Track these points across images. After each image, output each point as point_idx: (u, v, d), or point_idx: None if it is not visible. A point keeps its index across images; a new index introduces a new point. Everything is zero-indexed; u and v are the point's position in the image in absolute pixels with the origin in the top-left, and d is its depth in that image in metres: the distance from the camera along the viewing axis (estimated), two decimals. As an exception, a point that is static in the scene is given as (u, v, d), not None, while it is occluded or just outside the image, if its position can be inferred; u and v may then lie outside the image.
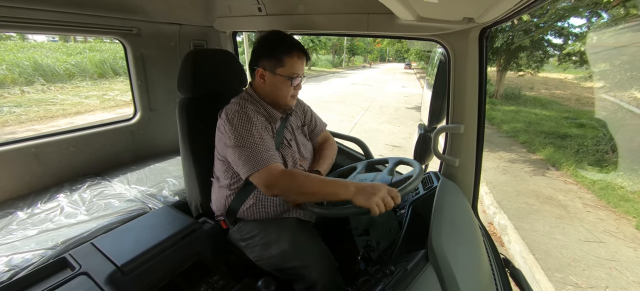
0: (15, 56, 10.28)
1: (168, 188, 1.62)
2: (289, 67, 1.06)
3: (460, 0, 0.75)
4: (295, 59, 1.06)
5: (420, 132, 1.36)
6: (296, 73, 1.07)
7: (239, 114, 1.01)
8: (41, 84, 9.73)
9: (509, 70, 10.14)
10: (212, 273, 1.10)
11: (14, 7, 1.21)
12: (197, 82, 1.22)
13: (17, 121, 6.83)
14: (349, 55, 42.38)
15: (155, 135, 2.05)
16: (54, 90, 9.68)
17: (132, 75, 1.88)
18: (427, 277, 0.72)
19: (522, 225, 3.09)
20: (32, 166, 1.55)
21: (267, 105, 1.12)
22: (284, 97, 1.10)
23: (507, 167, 4.77)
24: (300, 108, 1.32)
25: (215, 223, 1.21)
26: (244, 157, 0.97)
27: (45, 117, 7.29)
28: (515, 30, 7.76)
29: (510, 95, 11.49)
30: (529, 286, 0.93)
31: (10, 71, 9.42)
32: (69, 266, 0.94)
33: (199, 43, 1.97)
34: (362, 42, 36.28)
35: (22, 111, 7.42)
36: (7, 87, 9.08)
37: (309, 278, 0.99)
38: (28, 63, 9.98)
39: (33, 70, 9.91)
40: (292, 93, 1.11)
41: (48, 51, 11.67)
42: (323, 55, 32.08)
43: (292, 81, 1.07)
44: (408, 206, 1.08)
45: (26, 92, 9.10)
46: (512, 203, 3.56)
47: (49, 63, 10.51)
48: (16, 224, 1.29)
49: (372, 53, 52.84)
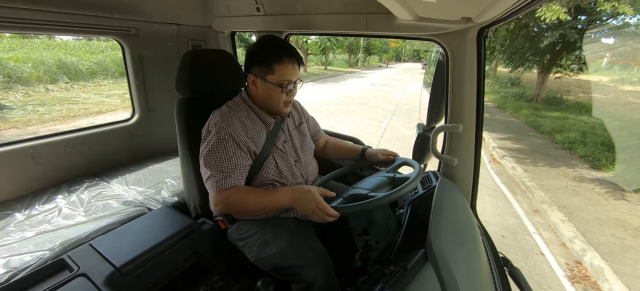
0: (41, 54, 10.37)
1: (167, 189, 1.61)
2: (279, 74, 1.04)
3: (459, 1, 0.75)
4: (286, 65, 1.04)
5: (418, 131, 1.36)
6: (287, 80, 1.05)
7: (221, 129, 1.02)
8: (65, 83, 9.84)
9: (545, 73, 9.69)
10: (212, 273, 1.09)
11: (12, 7, 1.20)
12: (195, 83, 1.22)
13: (40, 120, 6.82)
14: (365, 54, 41.84)
15: (154, 135, 2.05)
16: (77, 89, 9.78)
17: (130, 76, 1.87)
18: (426, 276, 0.73)
19: (621, 267, 2.53)
20: (29, 167, 1.54)
21: (260, 110, 1.12)
22: (275, 104, 1.09)
23: (576, 187, 4.21)
24: (295, 108, 1.31)
25: (214, 224, 1.20)
26: (207, 174, 1.02)
27: (67, 116, 7.28)
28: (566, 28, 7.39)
29: (551, 100, 10.82)
30: (527, 285, 0.93)
31: (35, 69, 9.51)
32: (67, 268, 0.93)
33: (197, 43, 1.96)
34: (379, 42, 35.51)
35: (46, 110, 7.43)
36: (33, 85, 9.14)
37: (306, 278, 0.99)
38: (53, 61, 10.08)
39: (57, 69, 10.01)
40: (284, 100, 1.09)
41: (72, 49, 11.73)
42: (339, 55, 31.71)
43: (283, 88, 1.06)
44: (407, 205, 1.09)
45: (50, 90, 9.19)
46: (599, 236, 3.01)
47: (73, 61, 10.62)
48: (14, 226, 1.28)
49: (388, 52, 51.89)
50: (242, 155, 1.03)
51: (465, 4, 0.77)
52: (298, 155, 1.21)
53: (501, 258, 1.05)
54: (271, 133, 1.13)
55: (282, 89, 1.05)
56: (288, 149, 1.17)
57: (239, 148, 1.03)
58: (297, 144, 1.22)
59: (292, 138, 1.22)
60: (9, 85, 8.42)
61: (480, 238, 0.99)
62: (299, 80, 1.11)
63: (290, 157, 1.16)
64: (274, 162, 1.11)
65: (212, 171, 1.01)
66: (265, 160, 1.10)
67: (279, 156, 1.13)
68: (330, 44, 22.80)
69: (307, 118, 1.36)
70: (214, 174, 1.00)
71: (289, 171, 1.14)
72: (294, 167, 1.16)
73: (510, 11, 0.79)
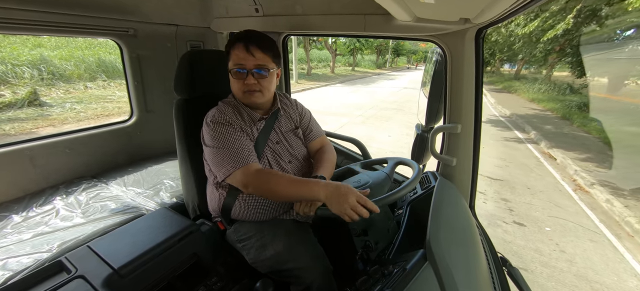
0: (83, 52, 10.57)
1: (165, 190, 1.61)
2: (233, 59, 1.03)
3: (457, 1, 0.75)
4: (240, 48, 1.01)
5: (417, 132, 1.36)
6: (239, 64, 1.02)
7: (218, 117, 1.02)
8: (103, 80, 9.96)
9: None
10: (210, 274, 1.09)
11: (8, 8, 1.20)
12: (193, 83, 1.22)
13: (75, 118, 6.88)
14: (393, 55, 41.09)
15: (152, 136, 2.04)
16: (113, 86, 9.85)
17: (128, 77, 1.86)
18: (425, 277, 0.73)
19: None
20: (27, 169, 1.54)
21: (244, 107, 1.12)
22: (236, 92, 1.08)
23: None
24: (296, 111, 1.29)
25: (212, 225, 1.20)
26: (219, 159, 0.99)
27: (102, 114, 7.32)
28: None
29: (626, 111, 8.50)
30: (526, 285, 0.94)
31: (77, 67, 9.69)
32: (65, 270, 0.93)
33: (196, 44, 1.96)
34: (408, 43, 34.16)
35: (82, 108, 7.48)
36: (74, 82, 9.27)
37: (304, 280, 0.99)
38: (93, 59, 10.30)
39: (96, 66, 10.19)
40: (244, 89, 1.05)
41: (111, 48, 11.82)
42: (367, 56, 30.89)
43: (239, 73, 1.03)
44: (406, 206, 1.09)
45: (89, 87, 9.33)
46: None
47: (111, 59, 10.77)
48: (11, 227, 1.27)
49: (417, 53, 50.31)
50: (246, 138, 1.04)
51: (464, 4, 0.78)
52: (292, 154, 1.19)
53: (500, 258, 1.05)
54: (264, 132, 1.12)
55: (240, 75, 1.03)
56: (281, 150, 1.16)
57: (241, 132, 1.03)
58: (290, 146, 1.20)
59: (285, 139, 1.19)
60: (52, 82, 8.59)
61: (479, 238, 1.00)
62: (264, 68, 1.04)
63: (284, 158, 1.15)
64: (267, 161, 1.10)
65: (224, 155, 0.98)
66: (259, 158, 1.09)
67: (272, 156, 1.12)
68: (360, 44, 22.10)
69: (307, 124, 1.31)
70: (228, 157, 0.97)
71: (279, 169, 1.12)
72: (287, 168, 1.14)
73: (508, 12, 0.80)
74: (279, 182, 0.94)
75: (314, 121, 1.34)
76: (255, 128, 1.11)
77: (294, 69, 16.28)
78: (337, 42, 21.56)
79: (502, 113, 9.83)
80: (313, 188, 0.90)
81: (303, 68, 19.70)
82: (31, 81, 7.98)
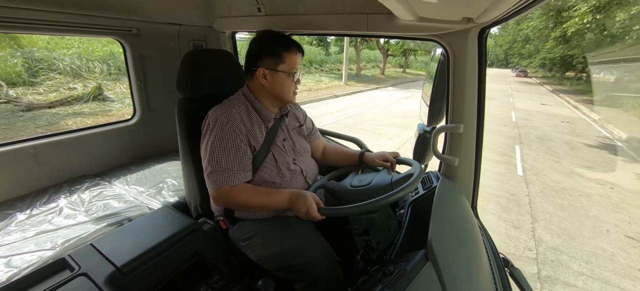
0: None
1: (167, 189, 1.62)
2: (289, 63, 1.09)
3: (460, 1, 0.75)
4: (295, 53, 1.11)
5: (419, 131, 1.36)
6: (296, 68, 1.12)
7: (217, 124, 1.04)
8: None
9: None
10: (212, 273, 1.09)
11: (13, 7, 1.20)
12: (196, 83, 1.22)
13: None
14: None
15: (155, 135, 2.05)
16: None
17: (131, 76, 1.87)
18: (426, 277, 0.72)
19: None
20: (30, 167, 1.55)
21: (262, 106, 1.13)
22: (287, 93, 1.13)
23: None
24: (299, 110, 1.34)
25: (214, 223, 1.20)
26: (208, 170, 1.04)
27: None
28: None
29: None
30: (528, 286, 0.93)
31: None
32: (68, 268, 0.94)
33: (199, 43, 1.96)
34: None
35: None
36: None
37: (311, 274, 1.00)
38: None
39: None
40: (294, 89, 1.15)
41: None
42: (420, 57, 29.56)
43: (294, 76, 1.11)
44: (407, 206, 1.08)
45: None
46: None
47: None
48: (15, 225, 1.28)
49: None
50: (243, 150, 1.04)
51: (466, 4, 0.77)
52: (297, 154, 1.21)
53: (502, 258, 1.05)
54: (271, 132, 1.14)
55: (293, 77, 1.11)
56: (287, 147, 1.18)
57: (240, 143, 1.04)
58: (296, 143, 1.23)
59: (291, 137, 1.22)
60: (118, 77, 8.72)
61: (481, 239, 0.99)
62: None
63: (289, 156, 1.17)
64: (273, 159, 1.11)
65: (212, 167, 1.02)
66: (265, 157, 1.10)
67: (278, 154, 1.13)
68: (415, 44, 20.84)
69: (305, 116, 1.37)
70: (214, 171, 1.02)
71: (288, 169, 1.14)
72: (293, 165, 1.16)
73: (512, 11, 0.79)
74: (250, 201, 1.05)
75: (309, 119, 1.40)
76: (264, 127, 1.13)
77: (344, 70, 15.99)
78: (389, 42, 20.41)
79: (618, 136, 7.66)
80: (279, 199, 1.04)
81: (351, 68, 18.59)
82: (100, 75, 8.25)
